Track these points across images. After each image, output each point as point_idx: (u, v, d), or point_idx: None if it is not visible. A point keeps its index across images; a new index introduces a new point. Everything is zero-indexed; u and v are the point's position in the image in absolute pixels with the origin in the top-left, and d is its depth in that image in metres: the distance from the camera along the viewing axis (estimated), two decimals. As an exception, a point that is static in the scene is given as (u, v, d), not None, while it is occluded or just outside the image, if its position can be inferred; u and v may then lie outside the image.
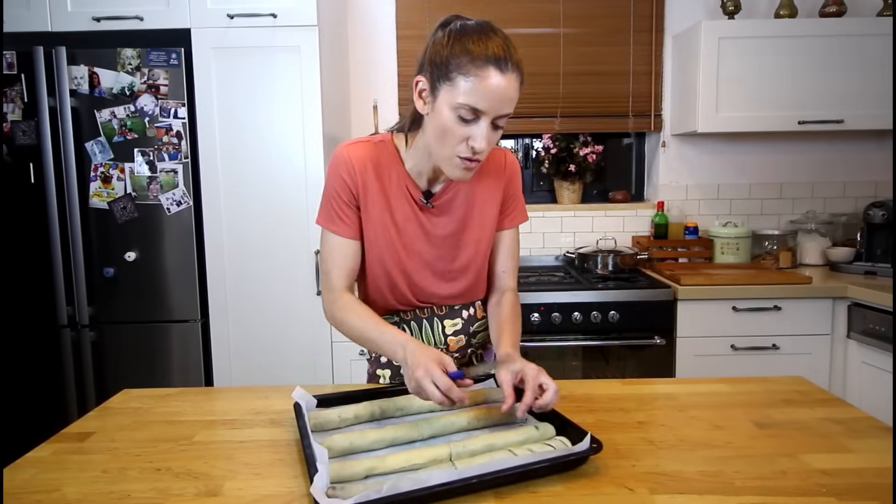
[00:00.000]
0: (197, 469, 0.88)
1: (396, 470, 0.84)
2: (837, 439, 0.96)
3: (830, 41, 2.40)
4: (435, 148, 1.04)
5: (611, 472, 0.86)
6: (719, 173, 2.83)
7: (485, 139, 0.99)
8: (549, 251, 2.84)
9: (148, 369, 2.23)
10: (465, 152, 1.01)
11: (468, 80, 0.95)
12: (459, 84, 0.96)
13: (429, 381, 0.91)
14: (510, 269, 1.26)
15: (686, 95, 2.60)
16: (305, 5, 2.12)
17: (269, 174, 2.19)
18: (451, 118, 0.98)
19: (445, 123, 0.99)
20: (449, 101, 0.98)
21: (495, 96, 0.96)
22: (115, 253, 2.19)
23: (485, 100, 0.96)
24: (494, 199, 1.21)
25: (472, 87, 0.95)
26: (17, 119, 2.12)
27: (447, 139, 1.01)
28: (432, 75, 1.00)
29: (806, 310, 2.24)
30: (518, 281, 1.30)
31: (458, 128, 0.99)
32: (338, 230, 1.14)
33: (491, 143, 1.02)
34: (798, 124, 2.44)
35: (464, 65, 0.95)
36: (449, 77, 0.97)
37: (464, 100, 0.96)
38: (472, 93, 0.95)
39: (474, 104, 0.96)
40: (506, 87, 0.96)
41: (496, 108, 0.97)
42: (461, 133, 0.99)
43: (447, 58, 0.97)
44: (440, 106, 0.99)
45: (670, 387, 1.22)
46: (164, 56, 2.11)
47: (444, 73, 0.97)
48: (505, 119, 1.01)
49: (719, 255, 2.68)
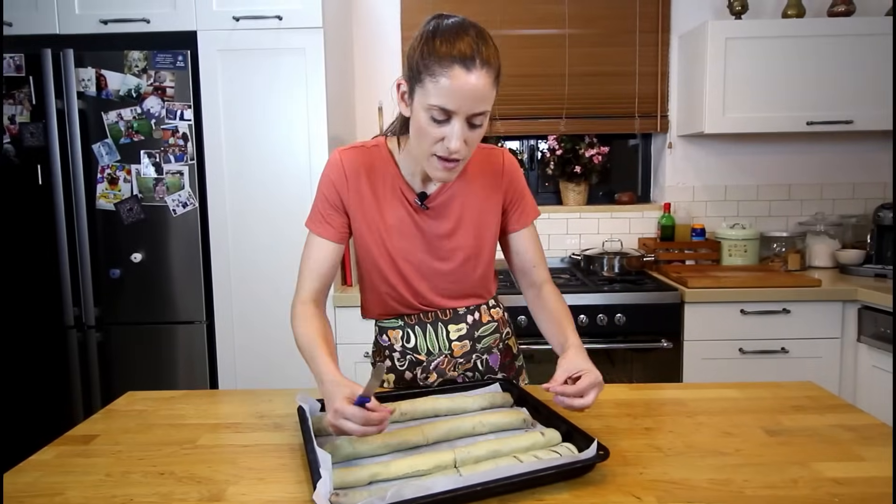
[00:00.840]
0: (200, 473, 0.88)
1: (400, 476, 0.84)
2: (849, 447, 0.94)
3: (839, 41, 2.38)
4: (415, 149, 1.05)
5: (618, 479, 0.85)
6: (726, 174, 2.81)
7: (458, 139, 0.98)
8: (554, 253, 2.82)
9: (153, 370, 2.24)
10: (441, 152, 1.00)
11: (434, 81, 0.95)
12: (428, 86, 0.96)
13: (342, 419, 0.85)
14: (539, 261, 1.25)
15: (693, 96, 2.58)
16: (310, 7, 2.12)
17: (274, 176, 2.19)
18: (425, 119, 0.98)
19: (421, 125, 1.00)
20: (422, 102, 0.98)
21: (462, 95, 0.95)
22: (121, 254, 2.19)
23: (452, 100, 0.95)
24: (492, 201, 1.20)
25: (439, 87, 0.95)
26: (26, 121, 2.13)
27: (424, 140, 1.01)
28: (410, 78, 1.00)
29: (815, 313, 2.22)
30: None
31: (433, 129, 0.99)
32: (319, 231, 1.15)
33: (470, 142, 1.01)
34: (806, 125, 2.42)
35: (430, 66, 0.95)
36: (420, 79, 0.97)
37: (434, 101, 0.96)
38: (440, 93, 0.95)
39: (443, 104, 0.96)
40: (474, 86, 0.95)
41: (467, 107, 0.96)
42: (435, 134, 0.99)
43: (417, 61, 0.97)
44: (416, 108, 1.00)
45: (678, 392, 1.20)
46: (171, 58, 2.12)
47: (416, 75, 0.98)
48: (483, 117, 0.99)
49: (727, 257, 2.66)
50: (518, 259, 1.25)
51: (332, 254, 1.15)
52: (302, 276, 1.14)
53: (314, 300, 1.13)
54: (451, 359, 1.23)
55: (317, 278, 1.14)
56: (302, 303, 1.12)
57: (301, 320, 1.09)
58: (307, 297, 1.12)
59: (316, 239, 1.15)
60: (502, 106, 2.74)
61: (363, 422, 0.85)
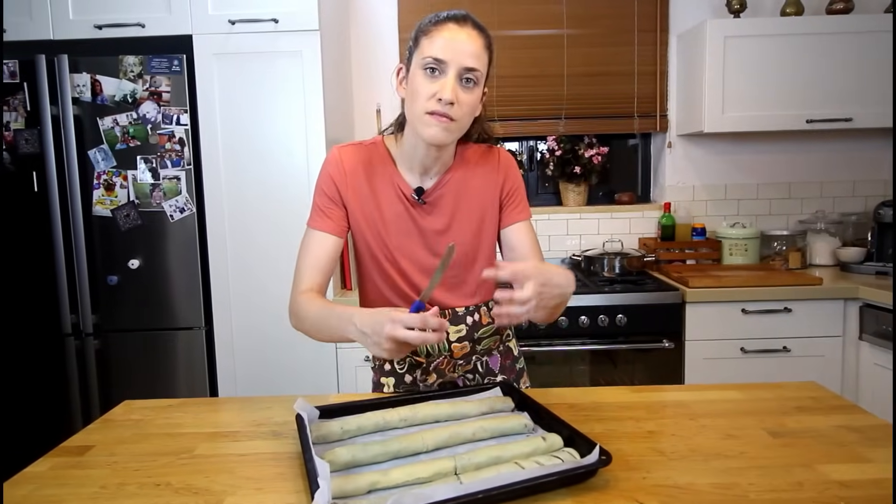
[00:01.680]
0: (197, 484, 0.87)
1: (400, 484, 0.82)
2: (854, 448, 0.93)
3: (838, 38, 2.37)
4: (411, 114, 1.08)
5: (621, 484, 0.83)
6: (726, 173, 2.80)
7: (451, 90, 1.02)
8: (554, 254, 2.81)
9: (152, 377, 2.22)
10: (434, 106, 1.04)
11: (429, 38, 1.04)
12: (423, 44, 1.05)
13: (401, 329, 0.88)
14: (536, 258, 1.22)
15: (692, 95, 2.57)
16: (307, 10, 2.11)
17: (271, 180, 2.18)
18: (420, 76, 1.04)
19: (417, 84, 1.05)
20: (418, 62, 1.05)
21: (453, 46, 1.02)
22: (118, 261, 2.18)
23: (444, 49, 1.02)
24: (490, 196, 1.20)
25: (432, 41, 1.03)
26: (20, 128, 2.12)
27: (418, 99, 1.05)
28: (408, 54, 1.09)
29: (817, 311, 2.21)
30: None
31: (427, 83, 1.04)
32: (318, 225, 1.15)
33: (463, 104, 1.04)
34: (806, 123, 2.41)
35: (425, 27, 1.06)
36: (417, 43, 1.06)
37: (427, 52, 1.03)
38: (432, 46, 1.03)
39: (436, 55, 1.02)
40: (465, 39, 1.03)
41: (458, 59, 1.02)
42: (430, 89, 1.03)
43: (416, 33, 1.07)
44: (412, 73, 1.06)
45: (680, 394, 1.19)
46: (166, 63, 2.11)
47: (414, 43, 1.07)
48: (475, 76, 1.04)
49: (727, 256, 2.65)
50: (514, 256, 1.23)
51: (331, 247, 1.15)
52: (300, 271, 1.14)
53: (318, 291, 1.12)
54: (450, 360, 1.22)
55: (317, 273, 1.13)
56: (301, 293, 1.11)
57: (306, 303, 1.08)
58: (307, 288, 1.11)
59: (315, 233, 1.15)
60: (501, 107, 2.73)
61: (423, 323, 0.88)
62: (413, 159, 1.15)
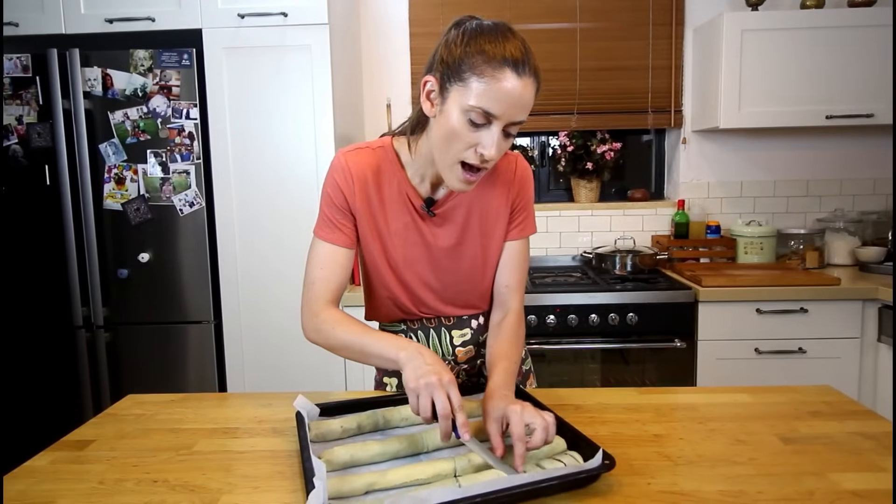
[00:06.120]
0: (194, 481, 0.86)
1: (398, 486, 0.81)
2: (869, 456, 0.90)
3: (860, 32, 2.31)
4: (439, 153, 0.98)
5: (624, 490, 0.81)
6: (742, 170, 2.74)
7: (495, 146, 0.93)
8: (565, 251, 2.78)
9: (162, 370, 2.24)
10: (471, 158, 0.95)
11: (482, 82, 0.89)
12: (472, 85, 0.90)
13: (442, 392, 0.84)
14: (515, 285, 1.16)
15: (707, 90, 2.52)
16: (316, 4, 2.10)
17: (280, 174, 2.18)
18: (460, 121, 0.92)
19: (454, 127, 0.93)
20: (460, 102, 0.92)
21: (510, 100, 0.90)
22: (129, 254, 2.19)
23: (499, 103, 0.90)
24: (502, 208, 1.14)
25: (485, 88, 0.89)
26: (33, 121, 2.13)
27: (453, 144, 0.94)
28: (443, 76, 0.94)
29: (834, 312, 2.16)
30: (532, 283, 1.25)
31: (468, 132, 0.93)
32: (331, 238, 1.08)
33: (501, 151, 0.96)
34: (826, 119, 2.35)
35: (478, 65, 0.90)
36: (461, 77, 0.91)
37: (476, 102, 0.90)
38: (485, 95, 0.90)
39: (487, 107, 0.90)
40: (521, 92, 0.90)
41: (510, 113, 0.91)
42: (470, 138, 0.93)
43: (461, 57, 0.91)
44: (449, 108, 0.93)
45: (690, 396, 1.16)
46: (176, 57, 2.11)
47: (457, 73, 0.92)
48: (517, 127, 0.95)
49: (742, 255, 2.60)
50: (496, 274, 1.17)
51: (344, 260, 1.08)
52: (314, 284, 1.06)
53: (334, 305, 1.07)
54: (455, 365, 1.20)
55: (332, 288, 1.07)
56: (323, 308, 1.05)
57: (337, 322, 1.02)
58: (326, 302, 1.06)
59: (327, 246, 1.08)
60: (512, 102, 2.69)
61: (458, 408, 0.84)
62: (426, 170, 1.07)
